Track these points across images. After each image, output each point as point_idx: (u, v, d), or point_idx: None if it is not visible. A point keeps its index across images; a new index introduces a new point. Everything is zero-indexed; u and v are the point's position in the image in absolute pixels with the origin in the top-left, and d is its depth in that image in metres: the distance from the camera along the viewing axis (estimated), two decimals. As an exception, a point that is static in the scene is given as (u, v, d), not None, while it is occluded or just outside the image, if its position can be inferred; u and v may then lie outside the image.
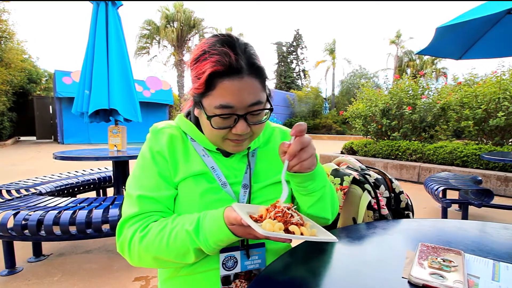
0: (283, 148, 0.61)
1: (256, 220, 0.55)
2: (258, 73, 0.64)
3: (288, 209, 0.56)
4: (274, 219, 0.54)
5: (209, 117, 0.64)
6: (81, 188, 2.86)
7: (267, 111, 0.68)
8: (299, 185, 0.68)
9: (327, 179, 0.76)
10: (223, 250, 0.68)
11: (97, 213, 1.78)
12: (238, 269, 0.70)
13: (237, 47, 0.62)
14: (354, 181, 1.02)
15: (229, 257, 0.69)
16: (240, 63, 0.61)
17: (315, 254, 0.64)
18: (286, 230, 0.52)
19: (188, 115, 0.80)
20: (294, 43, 31.89)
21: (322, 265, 0.60)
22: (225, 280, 0.69)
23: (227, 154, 0.75)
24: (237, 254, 0.70)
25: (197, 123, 0.76)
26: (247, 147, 0.76)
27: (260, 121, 0.68)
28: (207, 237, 0.60)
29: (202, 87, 0.63)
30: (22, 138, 15.26)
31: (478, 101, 5.20)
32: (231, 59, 0.60)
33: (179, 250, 0.62)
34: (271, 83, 32.13)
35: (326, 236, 0.54)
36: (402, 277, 0.51)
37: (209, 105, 0.64)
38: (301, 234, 0.52)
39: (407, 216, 1.07)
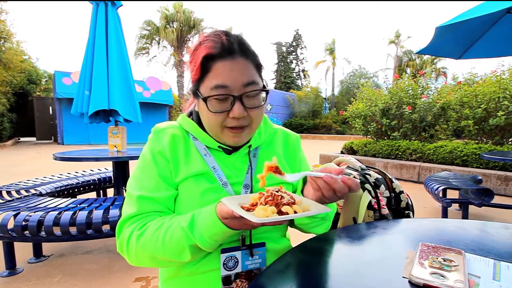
0: (329, 169, 0.60)
1: (248, 210, 0.55)
2: (250, 56, 0.68)
3: (278, 191, 0.56)
4: (266, 204, 0.54)
5: (205, 99, 0.66)
6: (81, 188, 2.86)
7: (264, 96, 0.71)
8: None
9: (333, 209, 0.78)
10: (224, 251, 0.68)
11: (98, 214, 1.77)
12: (239, 269, 0.70)
13: (229, 33, 0.68)
14: (354, 181, 1.02)
15: (230, 257, 0.69)
16: (232, 44, 0.65)
17: (316, 254, 0.64)
18: (280, 212, 0.52)
19: (190, 115, 0.80)
20: (294, 43, 31.91)
21: (323, 265, 0.59)
22: (226, 280, 0.69)
23: (229, 152, 0.75)
24: (238, 254, 0.70)
25: (199, 122, 0.76)
26: (248, 141, 0.76)
27: (257, 106, 0.69)
28: (202, 232, 0.60)
29: (198, 72, 0.67)
30: (22, 139, 15.26)
31: (478, 100, 5.20)
32: (222, 40, 0.65)
33: (175, 248, 0.62)
34: (271, 83, 32.11)
35: (319, 208, 0.55)
36: (403, 277, 0.50)
37: (205, 89, 0.67)
38: (295, 212, 0.52)
39: (408, 216, 1.07)
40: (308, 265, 0.59)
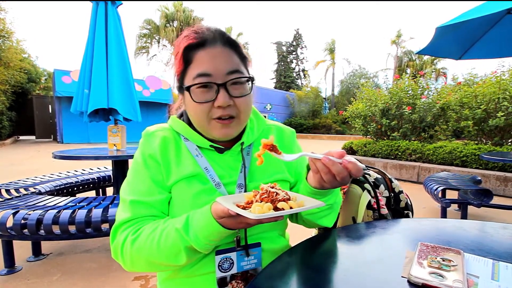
0: (332, 152, 0.57)
1: (244, 208, 0.55)
2: (232, 45, 0.68)
3: (272, 187, 0.56)
4: (261, 201, 0.54)
5: (188, 88, 0.66)
6: (81, 187, 2.86)
7: (250, 85, 0.70)
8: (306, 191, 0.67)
9: (338, 199, 0.75)
10: (218, 252, 0.68)
11: (97, 213, 1.77)
12: (234, 270, 0.69)
13: (210, 27, 0.68)
14: (354, 180, 1.02)
15: (225, 259, 0.68)
16: (213, 33, 0.66)
17: (314, 254, 0.64)
18: (276, 209, 0.52)
19: (181, 116, 0.80)
20: (294, 43, 31.91)
21: (321, 265, 0.59)
22: (221, 282, 0.68)
23: (221, 151, 0.74)
24: (233, 255, 0.69)
25: (189, 123, 0.75)
26: (240, 139, 0.75)
27: (243, 94, 0.68)
28: (197, 233, 0.59)
29: (180, 64, 0.67)
30: (21, 137, 15.24)
31: (478, 101, 5.20)
32: (203, 30, 0.66)
33: (170, 250, 0.61)
34: (271, 83, 32.12)
35: (313, 203, 0.55)
36: (402, 277, 0.50)
37: (189, 80, 0.67)
38: (290, 208, 0.53)
39: (407, 216, 1.07)
40: (306, 265, 0.59)
